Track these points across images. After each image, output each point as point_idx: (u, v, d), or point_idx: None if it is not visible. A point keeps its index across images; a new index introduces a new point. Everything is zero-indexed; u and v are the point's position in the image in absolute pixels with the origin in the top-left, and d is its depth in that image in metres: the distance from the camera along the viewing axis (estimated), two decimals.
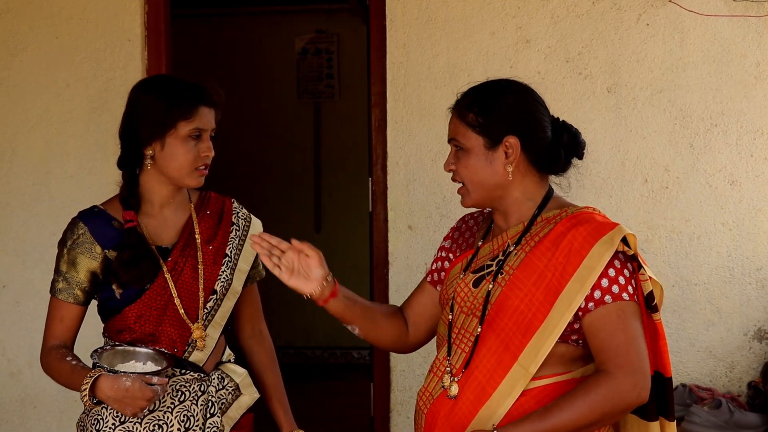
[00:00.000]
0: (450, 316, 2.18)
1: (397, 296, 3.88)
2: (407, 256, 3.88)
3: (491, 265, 2.13)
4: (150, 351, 2.33)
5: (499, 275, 2.08)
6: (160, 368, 2.27)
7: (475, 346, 2.07)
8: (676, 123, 3.83)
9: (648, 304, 2.02)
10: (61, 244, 2.42)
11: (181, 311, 2.38)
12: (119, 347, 2.35)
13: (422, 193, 3.87)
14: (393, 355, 3.89)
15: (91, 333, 2.51)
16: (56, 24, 3.90)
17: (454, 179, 2.19)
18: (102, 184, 3.89)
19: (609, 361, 1.96)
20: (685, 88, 3.82)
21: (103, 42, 3.89)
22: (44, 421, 3.93)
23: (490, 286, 2.09)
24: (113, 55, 3.89)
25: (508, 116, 2.10)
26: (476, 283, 2.13)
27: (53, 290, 2.41)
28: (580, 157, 2.16)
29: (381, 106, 3.90)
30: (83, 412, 2.41)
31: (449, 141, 2.18)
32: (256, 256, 2.54)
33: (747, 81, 3.82)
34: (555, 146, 2.11)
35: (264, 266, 2.60)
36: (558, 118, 2.17)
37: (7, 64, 3.92)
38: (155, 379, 2.18)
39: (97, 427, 2.34)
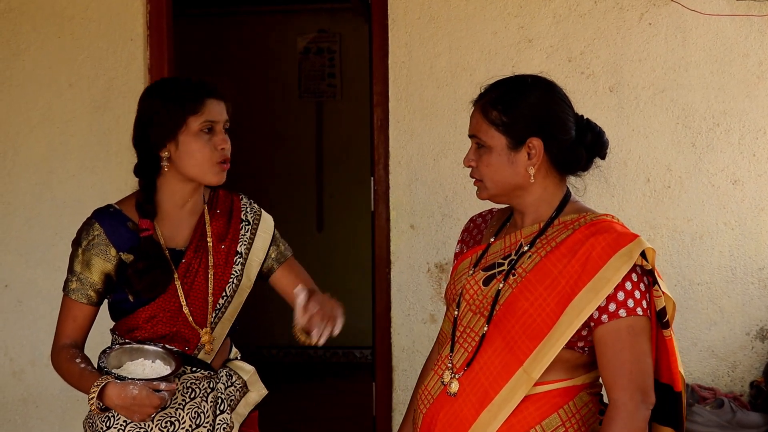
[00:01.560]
0: (456, 313, 2.15)
1: (399, 296, 3.88)
2: (409, 255, 3.88)
3: (503, 264, 2.10)
4: (158, 349, 2.32)
5: (511, 276, 2.06)
6: (170, 369, 2.25)
7: (480, 345, 2.06)
8: (679, 122, 3.83)
9: (659, 320, 2.01)
10: (76, 243, 2.38)
11: (190, 319, 2.39)
12: (127, 345, 2.35)
13: (424, 193, 3.86)
14: (395, 355, 3.89)
15: (93, 330, 2.50)
16: (58, 23, 3.90)
17: (472, 175, 2.14)
18: (104, 183, 3.89)
19: (614, 383, 1.97)
20: (688, 87, 3.82)
21: (105, 41, 3.90)
22: (47, 420, 3.94)
23: (501, 285, 2.07)
24: (115, 54, 3.89)
25: (532, 117, 2.06)
26: (486, 282, 2.10)
27: (66, 289, 2.40)
28: (603, 157, 2.13)
29: (383, 106, 3.90)
30: (90, 411, 2.40)
31: (470, 136, 2.13)
32: (272, 243, 2.53)
33: (749, 80, 3.82)
34: (577, 146, 2.08)
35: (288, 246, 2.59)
36: (582, 117, 2.12)
37: (9, 64, 3.93)
38: (163, 386, 2.17)
39: (107, 425, 2.33)
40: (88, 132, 3.91)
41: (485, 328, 2.05)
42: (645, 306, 1.99)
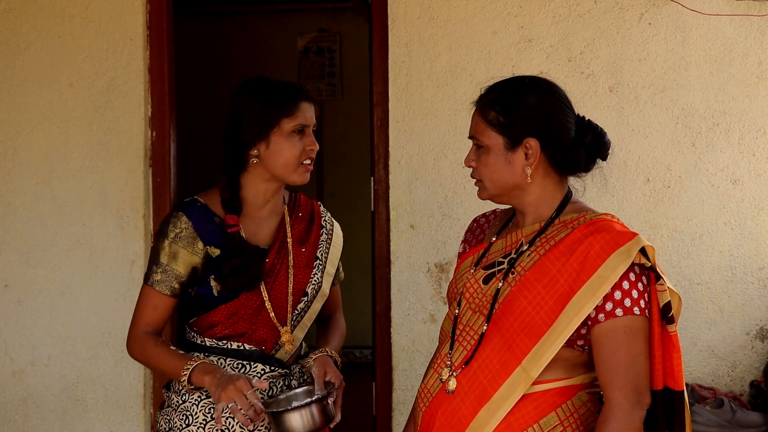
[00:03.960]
0: (456, 311, 2.16)
1: (399, 296, 3.88)
2: (409, 255, 3.88)
3: (503, 263, 2.11)
4: (303, 389, 2.38)
5: (510, 274, 2.07)
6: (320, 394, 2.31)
7: (480, 344, 2.06)
8: (678, 122, 3.83)
9: (664, 315, 2.00)
10: (162, 235, 2.39)
11: (272, 314, 2.42)
12: (281, 396, 2.37)
13: (424, 193, 3.86)
14: (395, 355, 3.89)
15: (93, 330, 2.50)
16: (59, 23, 3.91)
17: (473, 176, 2.16)
18: (105, 182, 3.90)
19: (610, 382, 1.98)
20: (687, 87, 3.82)
21: (105, 41, 3.90)
22: (47, 420, 3.94)
23: (500, 284, 2.07)
24: (115, 54, 3.89)
25: (529, 117, 2.06)
26: (486, 280, 2.11)
27: (149, 280, 2.39)
28: (604, 158, 2.13)
29: (383, 105, 3.90)
30: (168, 406, 2.44)
31: (470, 137, 2.15)
32: (339, 259, 2.60)
33: (749, 80, 3.82)
34: (577, 147, 2.08)
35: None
36: (583, 118, 2.13)
37: (9, 63, 3.93)
38: (254, 381, 2.22)
39: (186, 422, 2.36)
40: (89, 131, 3.91)
41: (484, 327, 2.06)
42: (643, 305, 1.99)
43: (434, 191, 3.86)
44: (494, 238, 2.21)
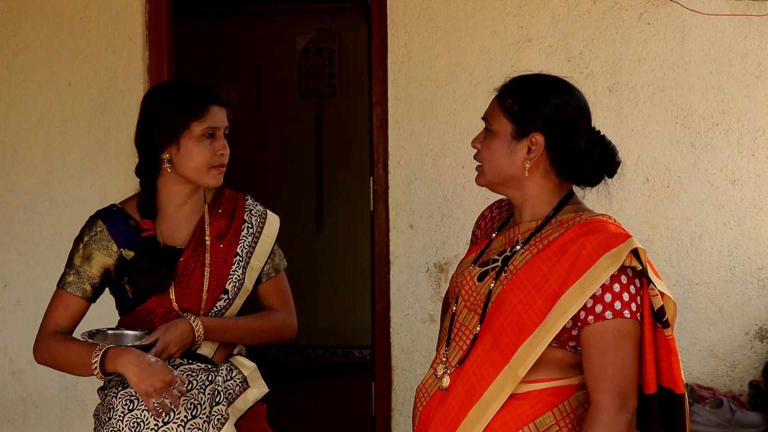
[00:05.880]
0: (454, 308, 2.17)
1: (398, 295, 3.89)
2: (409, 255, 3.89)
3: (497, 261, 2.11)
4: (137, 333, 2.39)
5: (503, 273, 2.07)
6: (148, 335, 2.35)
7: (473, 344, 2.06)
8: (678, 122, 3.83)
9: (659, 319, 2.00)
10: (78, 240, 2.45)
11: (177, 312, 2.43)
12: (109, 331, 2.41)
13: (423, 193, 3.87)
14: (394, 355, 3.89)
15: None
16: (58, 23, 3.91)
17: (475, 157, 2.17)
18: (103, 183, 3.90)
19: (597, 385, 1.97)
20: (687, 87, 3.82)
21: (104, 41, 3.90)
22: (46, 420, 3.94)
23: (492, 283, 2.07)
24: (114, 54, 3.90)
25: (543, 114, 2.07)
26: (481, 278, 2.12)
27: (62, 283, 2.45)
28: (611, 176, 2.12)
29: (382, 106, 3.91)
30: (99, 403, 2.46)
31: (483, 119, 2.16)
32: (271, 252, 2.56)
33: (748, 80, 3.82)
34: (583, 158, 2.08)
35: (284, 256, 2.63)
36: (598, 132, 2.12)
37: (8, 64, 3.93)
38: (175, 372, 2.24)
39: (108, 415, 2.38)
40: (88, 132, 3.92)
41: (478, 327, 2.06)
42: (634, 309, 1.98)
43: (433, 191, 3.86)
44: (494, 234, 2.21)
